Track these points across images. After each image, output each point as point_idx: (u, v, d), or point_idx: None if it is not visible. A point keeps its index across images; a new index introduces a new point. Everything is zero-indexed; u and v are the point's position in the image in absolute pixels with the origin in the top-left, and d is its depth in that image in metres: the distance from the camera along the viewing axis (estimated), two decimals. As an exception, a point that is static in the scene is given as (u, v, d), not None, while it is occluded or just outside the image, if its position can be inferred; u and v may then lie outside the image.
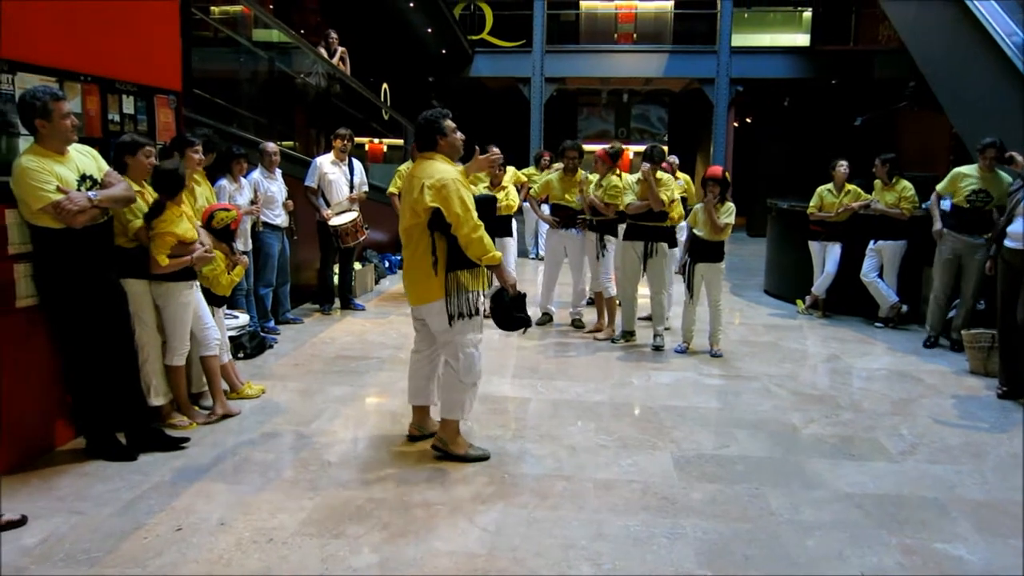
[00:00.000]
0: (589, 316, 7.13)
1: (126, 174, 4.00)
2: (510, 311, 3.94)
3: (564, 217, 6.82)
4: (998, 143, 6.12)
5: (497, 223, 7.27)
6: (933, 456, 4.13)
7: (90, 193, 3.57)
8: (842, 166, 7.36)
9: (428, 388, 4.17)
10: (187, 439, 4.08)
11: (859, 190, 7.34)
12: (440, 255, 3.78)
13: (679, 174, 8.72)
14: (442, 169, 3.78)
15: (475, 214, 3.73)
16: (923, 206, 6.75)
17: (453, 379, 3.91)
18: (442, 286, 3.80)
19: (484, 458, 3.93)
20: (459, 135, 3.95)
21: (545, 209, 7.30)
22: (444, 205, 3.67)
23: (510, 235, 7.42)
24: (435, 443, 4.00)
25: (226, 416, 4.44)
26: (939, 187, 6.47)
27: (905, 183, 6.95)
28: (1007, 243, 5.12)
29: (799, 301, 7.92)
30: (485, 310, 4.07)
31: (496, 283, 3.96)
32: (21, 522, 3.12)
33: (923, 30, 8.83)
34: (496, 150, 7.71)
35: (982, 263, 5.98)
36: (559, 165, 7.04)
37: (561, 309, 7.43)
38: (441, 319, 3.82)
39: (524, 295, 4.00)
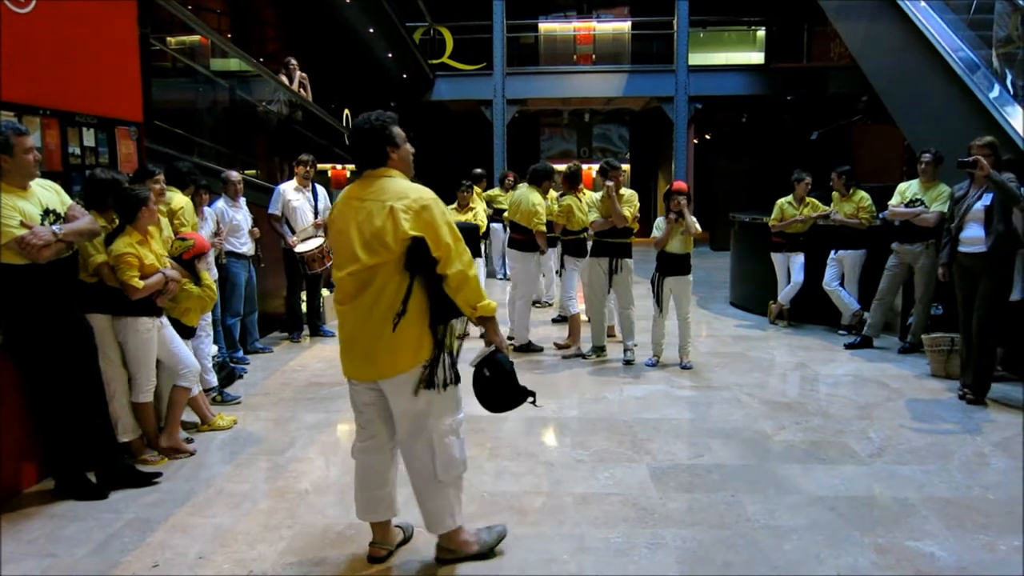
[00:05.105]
0: (559, 333, 7.17)
1: (108, 211, 4.03)
2: (513, 382, 2.98)
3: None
4: (932, 152, 6.35)
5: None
6: (900, 457, 4.22)
7: (55, 227, 3.52)
8: (806, 180, 7.53)
9: (391, 494, 3.10)
10: (159, 474, 4.01)
11: (817, 202, 7.52)
12: (418, 304, 2.80)
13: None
14: (413, 187, 2.82)
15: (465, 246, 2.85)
16: (880, 215, 6.93)
17: (429, 482, 2.93)
18: (426, 347, 2.82)
19: (501, 537, 3.20)
20: (410, 147, 2.97)
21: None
22: (430, 233, 2.73)
23: (479, 255, 7.46)
24: (440, 556, 3.10)
25: (174, 451, 4.28)
26: (891, 203, 6.68)
27: (862, 194, 7.13)
28: (961, 248, 5.24)
29: (771, 303, 8.01)
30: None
31: (482, 344, 2.97)
32: (-9, 567, 3.06)
33: (873, 47, 9.07)
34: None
35: (926, 267, 6.21)
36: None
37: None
38: (416, 396, 2.84)
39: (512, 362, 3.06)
